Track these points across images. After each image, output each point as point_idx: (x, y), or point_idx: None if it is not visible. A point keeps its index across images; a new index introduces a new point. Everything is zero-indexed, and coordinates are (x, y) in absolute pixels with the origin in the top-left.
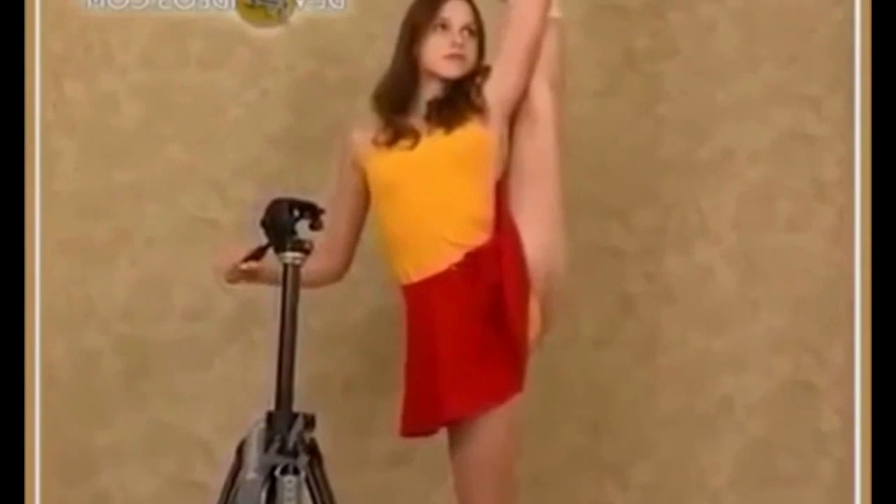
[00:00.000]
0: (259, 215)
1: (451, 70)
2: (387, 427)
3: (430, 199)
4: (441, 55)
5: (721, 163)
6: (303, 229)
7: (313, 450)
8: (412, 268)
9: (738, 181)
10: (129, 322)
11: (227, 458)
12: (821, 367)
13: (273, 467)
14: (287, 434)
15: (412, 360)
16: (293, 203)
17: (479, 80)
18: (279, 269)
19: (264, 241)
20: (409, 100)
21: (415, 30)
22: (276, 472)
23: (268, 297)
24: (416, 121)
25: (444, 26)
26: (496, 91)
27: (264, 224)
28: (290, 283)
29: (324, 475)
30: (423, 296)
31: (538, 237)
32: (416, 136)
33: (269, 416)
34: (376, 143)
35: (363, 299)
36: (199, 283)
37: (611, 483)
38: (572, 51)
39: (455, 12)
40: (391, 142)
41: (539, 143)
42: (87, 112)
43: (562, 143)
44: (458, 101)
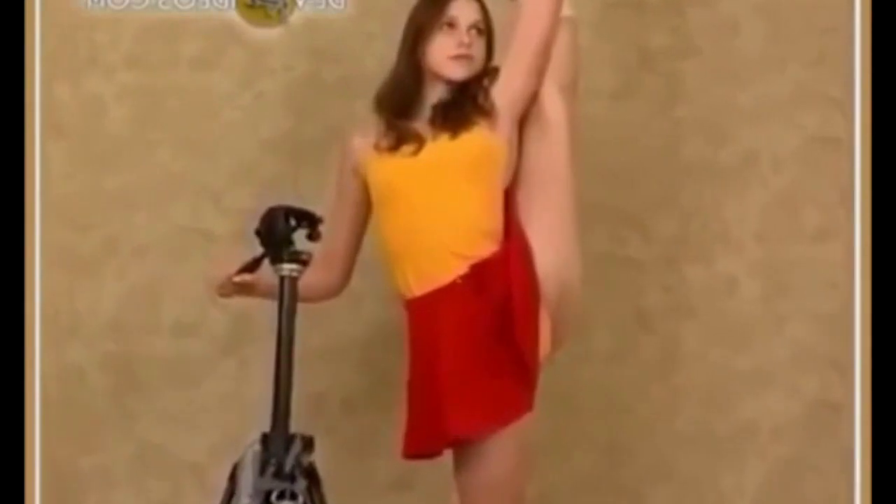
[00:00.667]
0: (254, 224)
1: (458, 71)
2: (389, 449)
3: (435, 208)
4: (447, 56)
5: (744, 168)
6: (300, 240)
7: (311, 474)
8: (415, 280)
9: (761, 188)
10: (117, 337)
11: (220, 482)
12: (850, 385)
13: (269, 492)
14: (284, 457)
15: (415, 378)
16: (290, 211)
17: (486, 82)
18: (275, 281)
19: (259, 251)
20: (413, 103)
21: (420, 29)
22: (272, 497)
23: (263, 311)
24: (421, 125)
25: (451, 25)
26: (505, 93)
27: (259, 234)
28: (286, 297)
29: (323, 501)
30: (426, 310)
31: (549, 248)
32: (419, 141)
33: (265, 438)
34: (378, 148)
35: (364, 314)
36: (190, 297)
37: None
38: (585, 50)
39: (462, 11)
40: (394, 147)
41: (550, 147)
42: (74, 115)
43: (574, 148)
44: (465, 105)
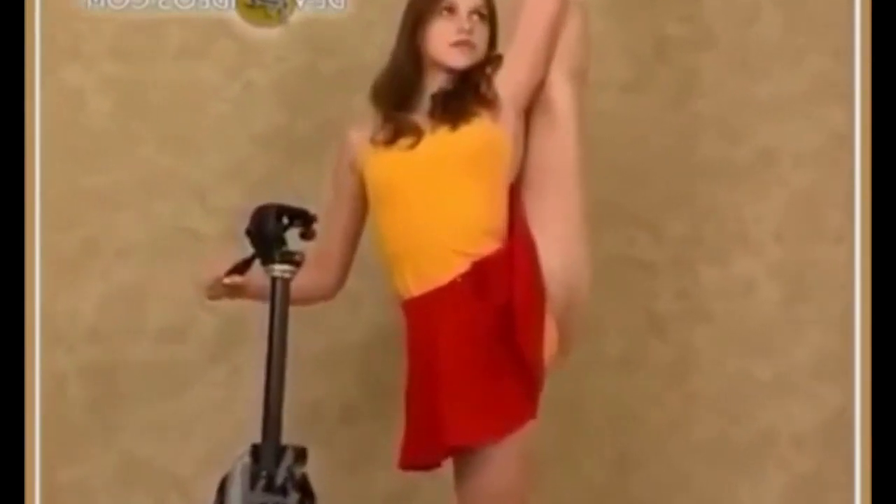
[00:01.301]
0: (244, 224)
1: (459, 59)
2: (386, 461)
3: (434, 204)
4: (447, 43)
5: (763, 166)
6: (293, 239)
7: (304, 487)
8: (413, 280)
9: (781, 186)
10: (98, 343)
11: (208, 496)
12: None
13: None
14: (275, 469)
15: (413, 384)
16: (282, 210)
17: (489, 70)
18: (266, 283)
19: (250, 252)
20: (412, 93)
21: (418, 14)
22: None
23: (254, 314)
24: (419, 117)
25: (451, 10)
26: (509, 83)
27: (250, 233)
28: (278, 300)
29: None
30: (424, 311)
31: (557, 248)
32: (418, 134)
33: (255, 449)
34: (374, 142)
35: (362, 318)
36: (176, 300)
37: None
38: (596, 39)
39: None
40: (390, 140)
41: (558, 142)
42: (51, 108)
43: (584, 143)
44: (466, 94)
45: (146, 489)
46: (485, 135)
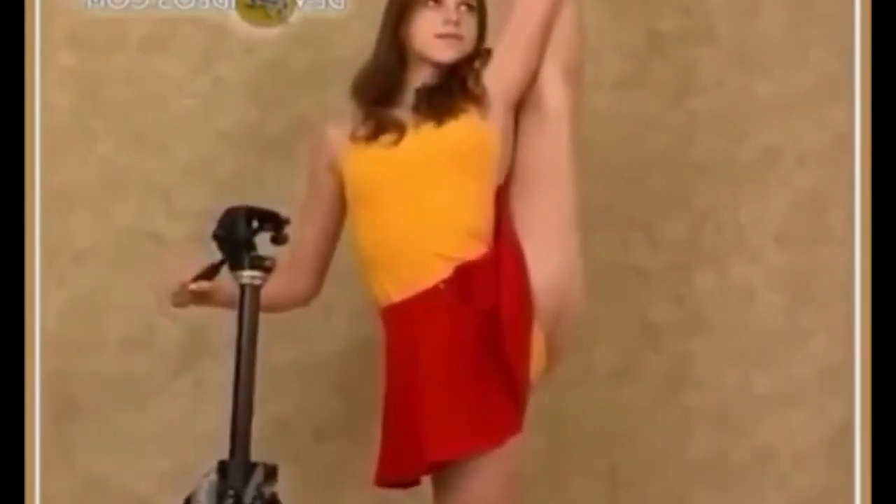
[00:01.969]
0: (211, 227)
1: (445, 52)
2: (362, 479)
3: (416, 204)
4: (433, 35)
5: (764, 166)
6: (264, 243)
7: None
8: (392, 285)
9: (783, 188)
10: (54, 355)
11: None
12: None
13: None
14: (243, 488)
15: (391, 395)
16: (252, 212)
17: (478, 64)
18: (235, 290)
19: (218, 257)
20: (396, 88)
21: (403, 4)
22: None
23: (221, 323)
24: (403, 112)
25: (438, 0)
26: (499, 79)
27: (217, 237)
28: (247, 308)
29: None
30: (405, 318)
31: (547, 254)
32: (401, 130)
33: (222, 467)
34: (354, 138)
35: (336, 328)
36: (138, 308)
37: None
38: (591, 33)
39: None
40: (372, 137)
41: (550, 141)
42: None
43: (577, 142)
44: (453, 89)
45: None
46: (472, 132)
